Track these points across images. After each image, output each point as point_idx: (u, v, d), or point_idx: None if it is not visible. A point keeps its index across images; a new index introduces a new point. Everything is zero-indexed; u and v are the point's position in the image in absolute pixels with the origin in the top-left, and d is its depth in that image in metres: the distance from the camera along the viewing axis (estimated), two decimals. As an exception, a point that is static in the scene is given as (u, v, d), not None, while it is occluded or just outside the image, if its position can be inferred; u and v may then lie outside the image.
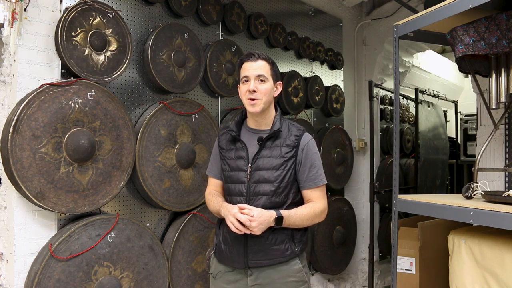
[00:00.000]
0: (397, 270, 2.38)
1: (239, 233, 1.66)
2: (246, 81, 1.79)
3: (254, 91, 1.76)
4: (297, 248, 1.79)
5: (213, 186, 1.95)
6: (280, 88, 1.87)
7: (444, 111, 5.35)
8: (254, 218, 1.63)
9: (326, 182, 1.85)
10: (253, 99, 1.77)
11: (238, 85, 1.86)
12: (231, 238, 1.78)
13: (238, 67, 1.85)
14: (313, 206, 1.79)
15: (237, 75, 1.90)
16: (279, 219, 1.69)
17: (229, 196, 1.84)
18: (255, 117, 1.84)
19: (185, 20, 2.62)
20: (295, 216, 1.74)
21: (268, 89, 1.79)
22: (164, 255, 2.32)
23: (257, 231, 1.64)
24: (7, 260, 2.00)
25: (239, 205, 1.68)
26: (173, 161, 2.39)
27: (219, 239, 1.83)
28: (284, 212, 1.71)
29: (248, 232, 1.64)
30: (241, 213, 1.64)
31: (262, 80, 1.78)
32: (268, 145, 1.79)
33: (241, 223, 1.63)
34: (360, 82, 4.21)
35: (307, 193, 1.82)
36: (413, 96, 4.46)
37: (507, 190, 2.53)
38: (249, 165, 1.78)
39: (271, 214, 1.68)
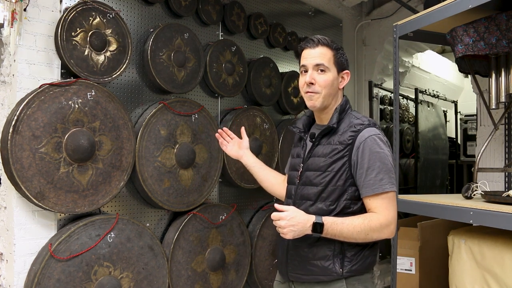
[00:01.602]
0: (397, 270, 2.38)
1: (284, 238, 1.47)
2: (305, 71, 1.58)
3: (312, 83, 1.54)
4: (342, 269, 1.48)
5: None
6: (347, 78, 1.61)
7: (444, 111, 5.35)
8: (284, 216, 1.41)
9: (392, 190, 1.48)
10: (311, 93, 1.55)
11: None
12: (279, 245, 1.63)
13: (299, 55, 1.62)
14: (369, 217, 1.46)
15: (298, 63, 1.69)
16: (318, 226, 1.41)
17: (285, 197, 1.69)
18: (316, 112, 1.63)
19: (185, 20, 2.62)
20: (342, 225, 1.43)
21: (329, 81, 1.55)
22: (164, 255, 2.32)
23: (287, 234, 1.41)
24: (7, 260, 2.00)
25: (275, 204, 1.48)
26: (173, 161, 2.39)
27: (277, 245, 1.67)
28: (327, 219, 1.43)
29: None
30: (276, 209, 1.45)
31: (321, 70, 1.55)
32: (323, 143, 1.55)
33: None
34: (360, 82, 4.21)
35: (366, 202, 1.50)
36: (413, 96, 4.47)
37: (507, 190, 2.53)
38: (301, 164, 1.59)
39: (309, 218, 1.43)
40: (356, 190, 1.51)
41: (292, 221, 1.41)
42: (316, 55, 1.55)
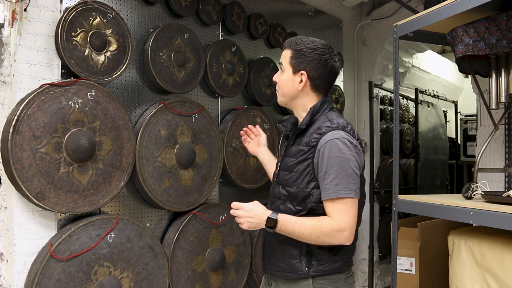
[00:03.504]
0: (397, 271, 2.38)
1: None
2: None
3: (275, 81, 1.65)
4: (308, 268, 1.50)
5: None
6: (304, 79, 1.56)
7: (444, 111, 5.35)
8: (243, 207, 1.48)
9: (349, 196, 1.43)
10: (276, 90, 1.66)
11: None
12: (262, 241, 1.69)
13: None
14: (322, 221, 1.44)
15: None
16: (271, 221, 1.45)
17: None
18: (291, 111, 1.68)
19: (185, 20, 2.62)
20: (294, 224, 1.45)
21: (283, 81, 1.61)
22: (164, 255, 2.32)
23: (244, 224, 1.48)
24: (7, 260, 2.00)
25: (233, 203, 1.54)
26: (173, 161, 2.39)
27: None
28: (281, 216, 1.46)
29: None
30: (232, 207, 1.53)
31: (281, 70, 1.63)
32: (296, 143, 1.58)
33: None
34: (360, 82, 4.21)
35: (324, 206, 1.48)
36: (413, 97, 4.46)
37: (507, 190, 2.53)
38: (279, 163, 1.65)
39: (265, 213, 1.47)
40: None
41: (249, 212, 1.47)
42: (281, 55, 1.65)
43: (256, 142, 2.02)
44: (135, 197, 2.35)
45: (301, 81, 1.57)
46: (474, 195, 2.00)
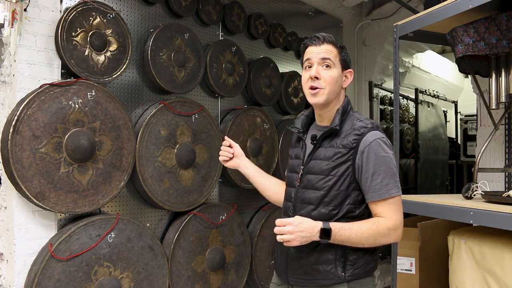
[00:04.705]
0: (397, 270, 2.38)
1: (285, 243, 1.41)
2: (309, 66, 1.53)
3: (317, 78, 1.50)
4: (344, 273, 1.45)
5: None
6: (350, 78, 1.58)
7: (444, 111, 5.36)
8: (292, 222, 1.36)
9: (398, 194, 1.46)
10: (315, 88, 1.50)
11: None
12: (278, 248, 1.59)
13: (302, 52, 1.59)
14: (377, 222, 1.43)
15: (300, 61, 1.64)
16: (326, 232, 1.37)
17: (284, 200, 1.64)
18: (318, 111, 1.58)
19: (185, 20, 2.62)
20: (350, 231, 1.40)
21: (334, 77, 1.51)
22: (164, 255, 2.32)
23: (295, 240, 1.36)
24: (7, 260, 2.00)
25: (277, 220, 1.40)
26: (173, 161, 2.39)
27: (276, 246, 1.62)
28: (334, 225, 1.39)
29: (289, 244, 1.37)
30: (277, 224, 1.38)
31: (327, 66, 1.51)
32: (324, 145, 1.51)
33: None
34: (360, 82, 4.21)
35: (372, 207, 1.47)
36: (413, 97, 4.47)
37: (507, 190, 2.53)
38: (301, 166, 1.55)
39: (316, 224, 1.38)
40: (359, 194, 1.48)
41: (300, 227, 1.36)
42: (322, 51, 1.52)
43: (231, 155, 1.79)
44: (135, 197, 2.35)
45: (346, 79, 1.58)
46: (474, 195, 2.00)
